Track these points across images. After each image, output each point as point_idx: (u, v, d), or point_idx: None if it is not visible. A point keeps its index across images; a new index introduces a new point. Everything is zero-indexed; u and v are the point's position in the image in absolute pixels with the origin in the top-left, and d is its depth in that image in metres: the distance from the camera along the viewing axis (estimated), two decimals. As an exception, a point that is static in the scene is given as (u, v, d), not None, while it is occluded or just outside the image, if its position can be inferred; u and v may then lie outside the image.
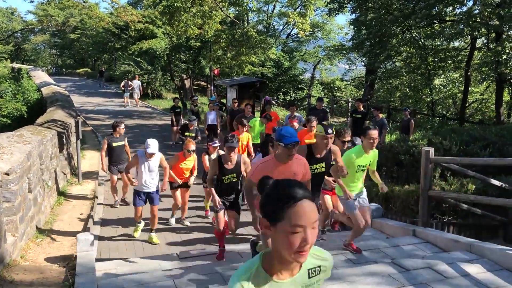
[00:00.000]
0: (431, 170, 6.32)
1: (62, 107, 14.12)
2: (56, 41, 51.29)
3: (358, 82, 34.54)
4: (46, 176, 7.71)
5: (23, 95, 18.85)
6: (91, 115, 21.60)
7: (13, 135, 7.07)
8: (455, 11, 15.92)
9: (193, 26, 14.31)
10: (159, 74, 29.27)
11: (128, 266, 5.49)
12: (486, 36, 15.96)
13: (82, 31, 41.85)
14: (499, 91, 16.04)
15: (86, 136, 15.38)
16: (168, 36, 22.30)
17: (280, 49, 32.42)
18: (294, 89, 30.80)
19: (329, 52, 31.05)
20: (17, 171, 5.63)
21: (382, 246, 5.83)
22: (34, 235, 6.40)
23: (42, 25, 43.14)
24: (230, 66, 17.67)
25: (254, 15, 34.50)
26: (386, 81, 23.12)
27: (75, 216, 7.84)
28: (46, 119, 11.25)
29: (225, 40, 15.35)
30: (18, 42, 51.09)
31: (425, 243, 5.93)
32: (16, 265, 5.32)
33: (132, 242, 6.72)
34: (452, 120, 17.23)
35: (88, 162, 12.24)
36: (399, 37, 18.02)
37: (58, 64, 55.39)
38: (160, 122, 20.47)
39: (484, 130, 9.37)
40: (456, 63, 17.43)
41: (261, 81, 21.13)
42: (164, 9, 13.75)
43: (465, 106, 17.85)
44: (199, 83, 39.11)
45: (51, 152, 8.62)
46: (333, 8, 18.94)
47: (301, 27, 12.64)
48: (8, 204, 5.39)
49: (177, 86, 25.24)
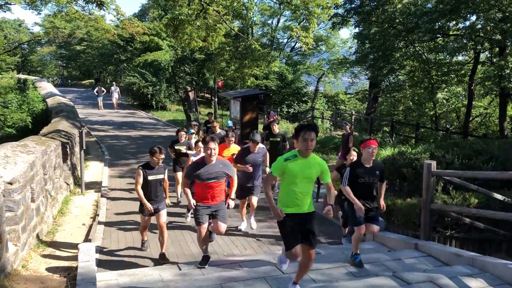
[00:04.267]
0: (433, 184, 6.31)
1: (66, 117, 14.22)
2: (62, 52, 51.80)
3: (361, 95, 34.70)
4: (49, 186, 7.74)
5: (28, 106, 19.03)
6: (95, 126, 21.72)
7: (17, 145, 7.12)
8: (458, 26, 16.03)
9: (197, 38, 14.43)
10: (164, 86, 29.47)
11: (129, 277, 5.48)
12: (490, 50, 16.03)
13: (88, 43, 42.35)
14: (502, 105, 16.06)
15: (90, 146, 15.46)
16: (173, 48, 22.52)
17: (284, 62, 32.63)
18: (297, 102, 30.89)
19: (333, 65, 31.24)
20: (20, 181, 5.66)
21: (384, 259, 5.81)
22: (36, 245, 6.41)
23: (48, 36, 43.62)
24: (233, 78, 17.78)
25: (259, 29, 34.85)
26: (389, 95, 23.20)
27: (77, 226, 7.85)
28: (50, 130, 11.34)
29: (229, 53, 15.47)
30: (24, 53, 51.61)
31: (427, 257, 5.90)
32: (18, 275, 5.33)
33: (134, 253, 6.72)
34: (456, 134, 17.21)
35: (91, 172, 12.28)
36: (402, 51, 18.13)
37: (64, 75, 55.88)
38: (164, 133, 20.55)
39: (487, 144, 9.36)
40: (459, 77, 17.49)
41: (264, 94, 21.25)
42: (169, 22, 13.89)
43: (469, 120, 17.85)
44: (203, 95, 39.31)
45: (55, 162, 8.66)
46: (337, 22, 19.11)
47: (304, 41, 12.75)
48: (11, 214, 5.42)
49: (181, 98, 25.39)
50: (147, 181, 6.29)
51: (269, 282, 4.97)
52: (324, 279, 5.15)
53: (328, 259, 6.05)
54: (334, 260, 5.83)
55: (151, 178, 6.30)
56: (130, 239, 7.34)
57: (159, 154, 6.31)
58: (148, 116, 27.50)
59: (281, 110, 29.42)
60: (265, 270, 5.37)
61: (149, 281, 5.26)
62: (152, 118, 26.61)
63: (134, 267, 6.04)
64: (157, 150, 6.33)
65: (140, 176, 6.30)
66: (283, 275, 5.15)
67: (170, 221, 7.90)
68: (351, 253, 5.68)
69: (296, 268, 4.69)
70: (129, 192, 10.46)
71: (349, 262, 5.60)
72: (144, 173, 6.30)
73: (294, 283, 4.64)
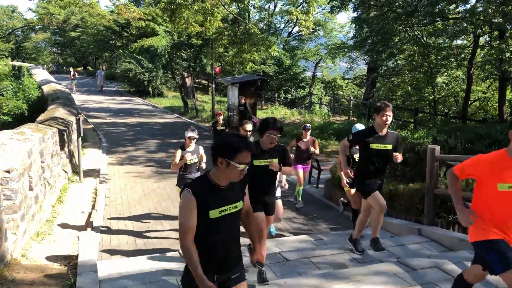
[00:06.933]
0: (437, 168, 6.24)
1: (63, 105, 14.05)
2: (57, 39, 51.29)
3: (359, 81, 34.53)
4: (47, 174, 7.64)
5: (24, 93, 18.80)
6: (92, 113, 21.57)
7: (14, 133, 7.00)
8: (458, 9, 15.84)
9: (194, 23, 14.22)
10: (160, 72, 29.22)
11: (130, 265, 5.42)
12: (489, 34, 15.87)
13: (83, 29, 41.89)
14: (502, 89, 15.97)
15: (87, 134, 15.34)
16: (169, 33, 22.25)
17: (282, 47, 32.35)
18: (295, 88, 30.74)
19: (331, 50, 30.98)
20: (18, 169, 5.56)
21: (388, 245, 5.75)
22: (35, 234, 6.33)
23: (42, 23, 43.11)
24: (231, 64, 17.60)
25: (256, 13, 34.46)
26: (388, 79, 23.05)
27: (76, 214, 7.77)
28: (47, 117, 11.19)
29: (227, 37, 15.26)
30: (18, 40, 51.03)
31: (430, 242, 5.86)
32: (17, 264, 5.26)
33: (134, 240, 6.65)
34: (455, 119, 17.14)
35: (89, 160, 12.18)
36: (401, 35, 17.94)
37: (59, 62, 55.34)
38: (162, 120, 20.43)
39: (489, 128, 9.27)
40: (458, 61, 17.34)
41: (262, 79, 21.07)
42: (166, 6, 13.67)
43: (468, 104, 17.76)
44: (200, 81, 39.06)
45: (52, 150, 8.54)
46: (335, 6, 18.85)
47: (304, 25, 12.57)
48: (9, 202, 5.32)
49: (178, 84, 25.19)
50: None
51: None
52: (327, 265, 5.11)
53: (331, 245, 6.01)
54: (337, 246, 5.78)
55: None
56: (130, 226, 7.28)
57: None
58: (145, 102, 27.31)
59: (278, 96, 29.26)
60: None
61: (151, 269, 5.20)
62: (149, 104, 26.43)
63: (135, 255, 5.98)
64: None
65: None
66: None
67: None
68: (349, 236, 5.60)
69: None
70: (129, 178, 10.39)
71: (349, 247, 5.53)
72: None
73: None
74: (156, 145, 14.74)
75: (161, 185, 9.85)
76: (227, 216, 2.73)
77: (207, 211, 2.64)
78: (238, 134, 2.85)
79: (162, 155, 13.10)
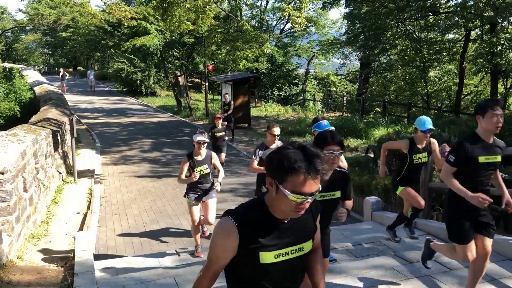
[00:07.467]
0: (431, 162, 6.27)
1: (55, 105, 13.95)
2: (48, 40, 50.86)
3: (352, 77, 34.63)
4: (41, 175, 7.59)
5: (16, 95, 18.63)
6: (85, 114, 21.45)
7: (7, 134, 6.95)
8: (449, 3, 15.94)
9: (186, 21, 14.15)
10: (153, 71, 29.11)
11: (127, 264, 5.41)
12: (480, 27, 15.97)
13: (74, 29, 41.60)
14: (493, 83, 16.08)
15: (80, 134, 15.25)
16: (161, 32, 22.13)
17: (274, 45, 32.34)
18: (288, 85, 30.73)
19: (323, 46, 31.02)
20: (12, 171, 5.52)
21: (384, 239, 5.79)
22: (30, 235, 6.30)
23: (33, 23, 42.80)
24: (224, 62, 17.54)
25: (247, 11, 34.39)
26: (380, 75, 23.14)
27: (71, 215, 7.73)
28: (40, 118, 11.10)
29: (220, 35, 15.20)
30: (9, 41, 50.59)
31: (426, 235, 5.88)
32: (13, 266, 5.23)
33: (130, 240, 6.64)
34: (448, 112, 17.23)
35: (83, 160, 12.11)
36: (393, 30, 18.01)
37: (50, 63, 54.93)
38: (155, 119, 20.35)
39: (482, 121, 9.36)
40: (450, 55, 17.45)
41: (255, 77, 21.04)
42: (158, 4, 13.59)
43: (460, 98, 17.87)
44: (193, 79, 38.94)
45: (46, 151, 8.49)
46: (327, 2, 18.89)
47: (297, 21, 12.54)
48: (3, 204, 5.29)
49: (171, 83, 25.10)
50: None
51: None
52: (325, 260, 5.12)
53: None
54: (334, 240, 5.79)
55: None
56: (126, 226, 7.26)
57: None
58: (137, 102, 27.21)
59: (272, 93, 29.25)
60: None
61: (148, 268, 5.19)
62: (142, 104, 26.34)
63: (131, 255, 5.97)
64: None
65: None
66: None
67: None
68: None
69: None
70: (123, 178, 10.36)
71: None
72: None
73: None
74: (150, 144, 14.69)
75: (156, 184, 9.83)
76: (287, 262, 1.90)
77: (257, 253, 1.83)
78: (304, 146, 1.81)
79: (157, 155, 13.07)
